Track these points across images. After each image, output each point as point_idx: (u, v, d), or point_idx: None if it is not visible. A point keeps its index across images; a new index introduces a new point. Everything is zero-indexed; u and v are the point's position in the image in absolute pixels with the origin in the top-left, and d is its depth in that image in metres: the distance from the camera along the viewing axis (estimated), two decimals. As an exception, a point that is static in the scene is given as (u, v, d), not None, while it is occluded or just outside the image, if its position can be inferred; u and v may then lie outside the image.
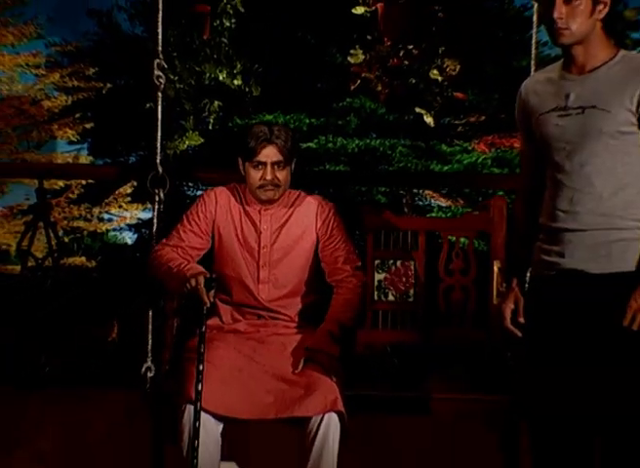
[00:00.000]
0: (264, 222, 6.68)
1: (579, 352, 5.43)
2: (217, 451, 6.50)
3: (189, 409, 6.29)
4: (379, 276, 7.40)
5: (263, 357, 6.54)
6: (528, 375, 5.75)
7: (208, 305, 6.36)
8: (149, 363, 7.39)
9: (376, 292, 7.35)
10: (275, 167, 6.46)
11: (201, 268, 6.60)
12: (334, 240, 6.65)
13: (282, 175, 6.51)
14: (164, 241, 6.85)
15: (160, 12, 7.52)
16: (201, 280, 6.34)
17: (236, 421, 6.44)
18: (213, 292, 6.39)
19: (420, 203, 10.64)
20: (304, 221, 6.69)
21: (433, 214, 10.63)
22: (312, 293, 6.73)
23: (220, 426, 6.48)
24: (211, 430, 6.38)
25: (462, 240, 7.50)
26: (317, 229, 6.67)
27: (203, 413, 6.30)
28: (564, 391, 5.51)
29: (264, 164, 6.46)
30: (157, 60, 7.57)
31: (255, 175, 6.52)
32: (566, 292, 5.50)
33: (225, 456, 6.63)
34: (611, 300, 5.32)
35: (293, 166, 6.61)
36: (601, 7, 5.43)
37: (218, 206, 6.72)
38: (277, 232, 6.67)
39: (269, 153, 6.45)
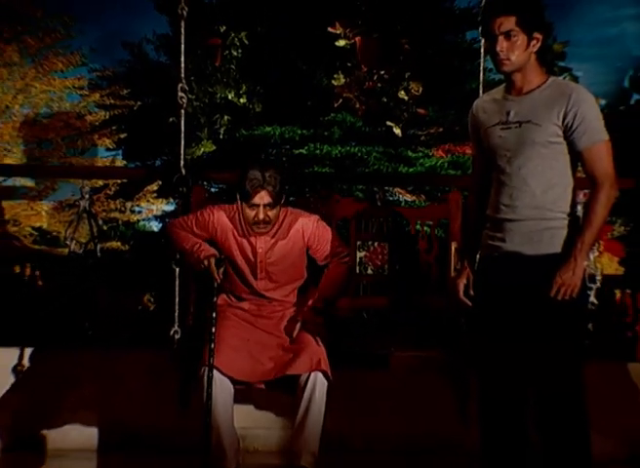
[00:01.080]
0: (259, 243, 6.67)
1: (516, 316, 5.57)
2: (231, 404, 6.51)
3: (207, 371, 6.32)
4: (360, 254, 7.41)
5: (265, 329, 6.65)
6: (477, 337, 5.90)
7: (218, 281, 6.48)
8: (176, 327, 7.44)
9: (357, 267, 7.37)
10: (267, 207, 6.49)
11: (212, 251, 6.64)
12: (321, 245, 6.71)
13: (272, 213, 6.54)
14: (181, 221, 6.82)
15: (182, 45, 7.59)
16: (212, 261, 6.49)
17: (242, 383, 6.48)
18: (222, 270, 6.48)
19: (391, 198, 10.70)
20: (294, 236, 6.70)
21: (402, 206, 10.68)
22: (301, 279, 6.76)
23: (231, 391, 6.49)
24: (227, 387, 6.42)
25: (426, 228, 7.57)
26: (306, 240, 6.69)
27: (219, 375, 6.36)
28: (504, 348, 5.65)
29: (257, 205, 6.48)
30: (180, 84, 7.64)
31: (249, 214, 6.54)
32: (507, 270, 5.64)
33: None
34: (541, 277, 5.46)
35: (282, 201, 6.59)
36: (535, 42, 5.59)
37: (219, 227, 6.73)
38: (271, 248, 6.68)
39: (262, 197, 6.46)
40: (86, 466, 7.58)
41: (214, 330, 6.37)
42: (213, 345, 6.31)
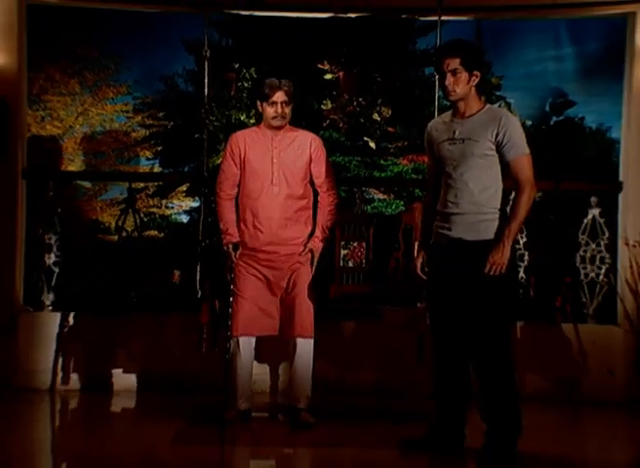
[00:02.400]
0: (275, 143, 6.47)
1: (459, 287, 5.63)
2: (251, 359, 6.50)
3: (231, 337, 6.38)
4: (343, 252, 7.30)
5: (275, 282, 6.42)
6: (431, 300, 6.00)
7: (234, 260, 6.41)
8: (199, 292, 7.42)
9: (342, 262, 7.26)
10: (283, 104, 6.39)
11: (234, 238, 6.47)
12: (320, 160, 6.55)
13: (287, 109, 6.43)
14: (225, 187, 6.57)
15: (205, 79, 7.63)
16: (230, 246, 6.43)
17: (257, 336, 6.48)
18: (238, 251, 6.41)
19: (367, 196, 10.67)
20: (302, 145, 6.54)
21: (375, 204, 10.66)
22: (308, 196, 6.56)
23: (253, 340, 6.46)
24: (248, 349, 6.44)
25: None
26: (311, 151, 6.53)
27: (244, 338, 6.40)
28: (450, 310, 5.71)
29: (276, 103, 6.37)
30: (204, 109, 7.68)
31: (270, 110, 6.40)
32: (452, 253, 5.71)
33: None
34: (478, 257, 5.53)
35: (292, 105, 6.48)
36: (474, 78, 5.68)
37: (247, 141, 6.51)
38: (284, 150, 6.47)
39: (279, 95, 6.37)
40: (133, 402, 7.69)
41: (236, 291, 6.40)
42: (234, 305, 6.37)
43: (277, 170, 6.44)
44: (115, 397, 7.74)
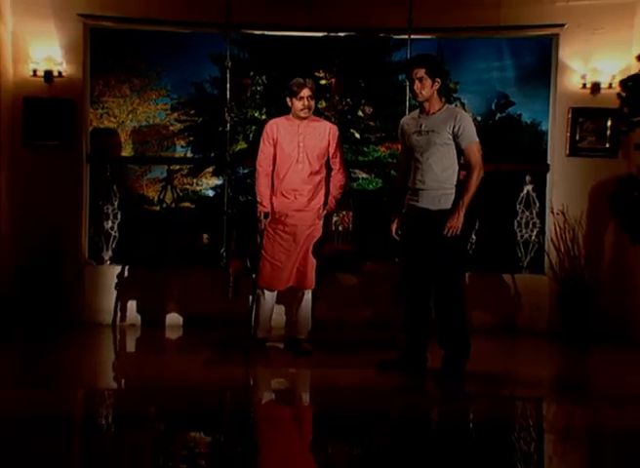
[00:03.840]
0: (301, 133, 6.32)
1: (424, 245, 5.67)
2: (271, 307, 6.47)
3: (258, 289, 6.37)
4: (335, 218, 7.24)
5: (296, 242, 6.30)
6: (403, 255, 5.99)
7: (263, 228, 6.32)
8: (223, 249, 7.36)
9: (334, 226, 7.22)
10: (309, 98, 6.26)
11: (266, 209, 6.35)
12: (334, 143, 6.40)
13: (312, 103, 6.29)
14: (264, 165, 6.41)
15: (227, 84, 7.62)
16: (262, 215, 6.32)
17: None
18: (268, 219, 6.31)
19: (353, 175, 10.66)
20: (322, 131, 6.38)
21: (359, 182, 10.69)
22: (323, 173, 6.40)
23: (275, 293, 6.43)
24: (271, 297, 6.42)
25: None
26: (329, 137, 6.37)
27: (268, 290, 6.38)
28: (417, 262, 5.74)
29: (303, 97, 6.23)
30: (226, 108, 7.67)
31: (298, 104, 6.25)
32: (420, 219, 5.74)
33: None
34: (439, 222, 5.56)
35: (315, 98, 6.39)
36: (436, 84, 5.72)
37: (279, 128, 6.36)
38: (310, 139, 6.33)
39: (306, 92, 6.23)
40: (174, 334, 7.74)
41: (264, 250, 6.33)
42: (261, 261, 6.31)
43: (302, 151, 6.33)
44: (160, 330, 7.77)
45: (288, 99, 6.39)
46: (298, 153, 6.34)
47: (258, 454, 4.36)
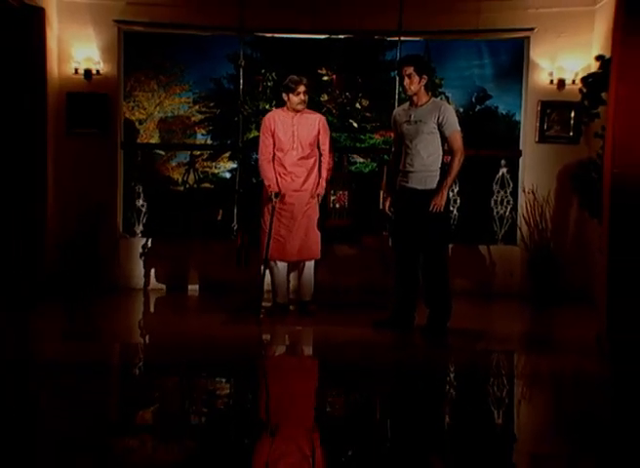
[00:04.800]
0: (295, 124, 6.28)
1: (413, 219, 5.66)
2: (285, 276, 6.48)
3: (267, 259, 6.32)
4: (332, 197, 7.22)
5: (297, 217, 6.28)
6: (394, 228, 6.01)
7: (274, 205, 6.23)
8: (235, 223, 7.48)
9: (332, 204, 7.19)
10: (304, 94, 6.21)
11: (276, 189, 6.27)
12: (324, 133, 6.34)
13: (306, 97, 6.25)
14: (266, 153, 6.35)
15: (241, 79, 7.65)
16: (274, 194, 6.25)
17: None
18: (278, 198, 6.24)
19: (351, 160, 10.61)
20: (313, 122, 6.33)
21: (357, 165, 10.70)
22: (314, 157, 6.36)
23: (285, 264, 6.42)
24: (283, 267, 6.41)
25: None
26: (319, 127, 6.31)
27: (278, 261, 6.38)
28: (406, 235, 5.76)
29: (299, 93, 6.19)
30: (240, 101, 7.69)
31: (295, 99, 6.20)
32: (409, 197, 5.74)
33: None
34: (426, 200, 5.57)
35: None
36: (423, 80, 5.70)
37: (276, 121, 6.31)
38: (302, 129, 6.28)
39: (301, 88, 6.19)
40: (195, 297, 7.73)
41: (270, 224, 6.27)
42: (269, 240, 6.25)
43: (296, 140, 6.29)
44: (183, 294, 7.78)
45: (284, 95, 6.35)
46: (292, 141, 6.31)
47: (268, 397, 4.45)
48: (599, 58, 6.81)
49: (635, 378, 4.67)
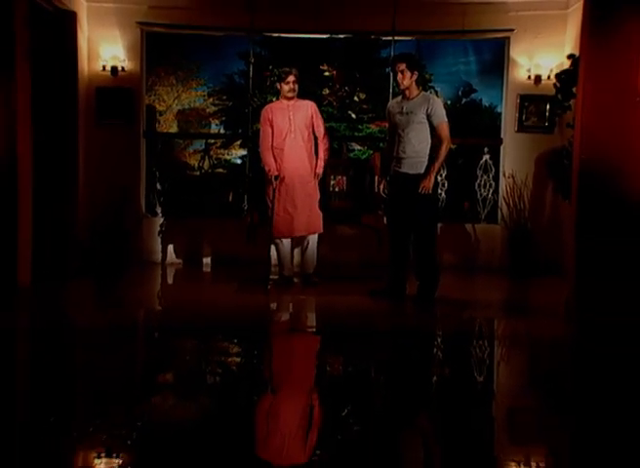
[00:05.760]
0: (290, 110, 6.28)
1: (404, 200, 5.66)
2: (290, 251, 6.49)
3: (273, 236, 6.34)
4: (332, 182, 7.17)
5: (299, 196, 6.28)
6: (388, 209, 6.03)
7: (274, 187, 6.25)
8: (246, 204, 7.46)
9: (331, 188, 7.14)
10: (293, 83, 6.21)
11: (276, 172, 6.26)
12: (318, 120, 6.36)
13: (296, 86, 6.24)
14: (265, 142, 6.33)
15: (250, 74, 7.64)
16: (273, 177, 6.26)
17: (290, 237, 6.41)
18: (278, 181, 6.25)
19: (350, 148, 10.57)
20: (306, 108, 6.34)
21: (355, 152, 10.71)
22: (312, 140, 6.37)
23: (289, 240, 6.44)
24: (287, 243, 6.43)
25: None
26: (312, 114, 6.32)
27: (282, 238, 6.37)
28: (399, 214, 5.75)
29: (289, 82, 6.20)
30: (249, 94, 7.71)
31: (285, 87, 6.21)
32: (401, 181, 5.73)
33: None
34: (416, 183, 5.56)
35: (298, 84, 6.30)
36: (414, 75, 5.70)
37: (273, 110, 6.31)
38: (297, 114, 6.28)
39: (291, 78, 6.20)
40: (209, 271, 7.75)
41: (275, 206, 6.26)
42: (274, 216, 6.26)
43: (292, 124, 6.28)
44: (198, 267, 7.80)
45: (277, 84, 6.38)
46: (289, 126, 6.29)
47: (274, 357, 4.51)
48: (570, 56, 6.83)
49: (597, 338, 4.71)
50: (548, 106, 7.64)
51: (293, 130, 6.29)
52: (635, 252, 5.01)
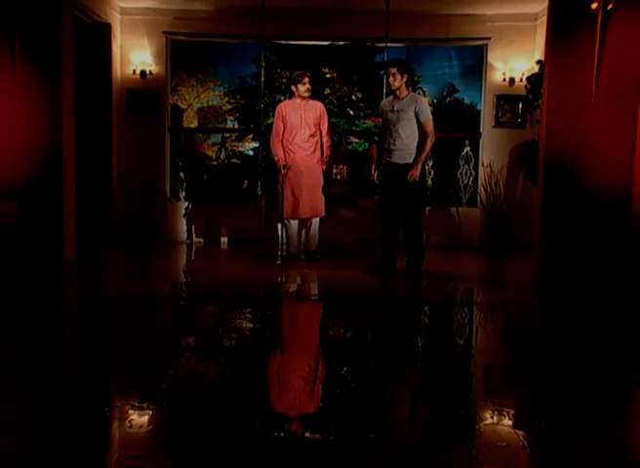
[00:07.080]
0: (302, 109, 6.26)
1: (394, 187, 5.63)
2: (297, 231, 6.46)
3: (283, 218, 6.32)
4: (334, 170, 7.18)
5: (305, 183, 6.25)
6: (381, 194, 5.91)
7: (282, 175, 6.23)
8: (260, 190, 7.40)
9: (333, 175, 7.14)
10: (309, 83, 6.18)
11: (284, 162, 6.22)
12: (324, 119, 6.30)
13: (311, 87, 6.21)
14: (276, 135, 6.28)
15: (262, 77, 7.63)
16: (282, 165, 6.24)
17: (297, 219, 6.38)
18: (285, 169, 6.23)
19: (349, 141, 10.51)
20: (315, 108, 6.29)
21: (353, 145, 10.68)
22: (318, 135, 6.30)
23: (297, 221, 6.40)
24: (295, 224, 6.40)
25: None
26: (319, 113, 6.27)
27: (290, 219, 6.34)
28: (390, 199, 5.73)
29: (305, 83, 6.16)
30: (261, 94, 7.68)
31: (302, 88, 6.17)
32: (392, 170, 5.70)
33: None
34: (405, 172, 5.54)
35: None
36: (405, 78, 5.65)
37: (286, 107, 6.28)
38: (308, 113, 6.25)
39: (307, 79, 6.17)
40: (227, 249, 7.67)
41: (284, 191, 6.22)
42: (282, 200, 6.24)
43: (303, 120, 6.25)
44: (217, 246, 7.77)
45: (293, 86, 6.30)
46: (301, 122, 6.26)
47: (283, 321, 4.55)
48: (539, 62, 6.84)
49: (558, 306, 4.74)
50: (521, 105, 7.64)
51: (303, 126, 6.27)
52: (593, 239, 5.01)
